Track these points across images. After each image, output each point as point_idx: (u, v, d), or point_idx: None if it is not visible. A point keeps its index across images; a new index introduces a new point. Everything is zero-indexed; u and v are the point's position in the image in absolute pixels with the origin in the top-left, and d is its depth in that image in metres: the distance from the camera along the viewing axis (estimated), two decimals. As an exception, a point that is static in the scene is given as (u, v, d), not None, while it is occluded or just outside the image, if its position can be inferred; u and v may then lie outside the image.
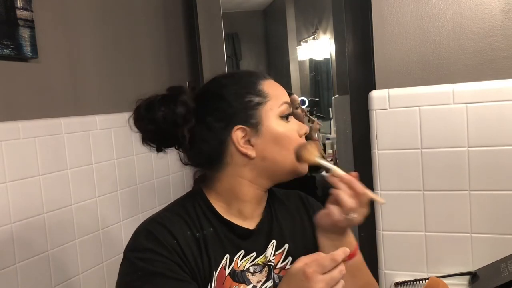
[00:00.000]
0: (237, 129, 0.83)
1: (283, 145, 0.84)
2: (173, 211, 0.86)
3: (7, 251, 1.21)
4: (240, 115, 0.84)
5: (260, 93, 0.85)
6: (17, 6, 1.27)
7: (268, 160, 0.85)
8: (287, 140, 0.85)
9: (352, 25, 1.53)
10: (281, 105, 0.86)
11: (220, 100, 0.85)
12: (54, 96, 1.43)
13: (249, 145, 0.84)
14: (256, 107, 0.84)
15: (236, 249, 0.85)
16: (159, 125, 0.84)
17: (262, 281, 0.86)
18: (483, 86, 1.24)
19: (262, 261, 0.87)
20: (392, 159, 1.33)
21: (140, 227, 0.85)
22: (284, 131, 0.85)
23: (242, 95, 0.85)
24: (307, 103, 4.07)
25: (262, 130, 0.84)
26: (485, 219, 1.26)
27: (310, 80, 5.14)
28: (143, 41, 1.85)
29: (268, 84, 0.88)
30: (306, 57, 5.08)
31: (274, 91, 0.87)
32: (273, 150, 0.84)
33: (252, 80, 0.87)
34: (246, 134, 0.84)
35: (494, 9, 1.25)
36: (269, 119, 0.84)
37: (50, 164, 1.35)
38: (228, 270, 0.83)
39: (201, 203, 0.87)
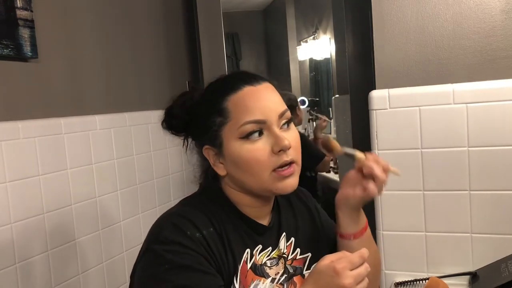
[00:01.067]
0: (206, 149, 0.85)
1: (243, 168, 0.81)
2: (193, 205, 0.86)
3: (7, 251, 1.21)
4: (207, 135, 0.84)
5: (222, 113, 0.81)
6: (17, 6, 1.27)
7: (236, 179, 0.84)
8: (246, 163, 0.80)
9: (352, 25, 1.53)
10: (241, 126, 0.79)
11: (194, 118, 0.88)
12: (54, 96, 1.43)
13: (219, 163, 0.85)
14: (218, 128, 0.82)
15: (255, 243, 0.87)
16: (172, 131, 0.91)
17: (280, 273, 0.88)
18: (483, 86, 1.24)
19: (277, 254, 0.89)
20: (392, 159, 1.33)
21: (163, 221, 0.83)
22: (242, 154, 0.80)
23: (208, 113, 0.84)
24: (307, 103, 4.07)
25: (224, 152, 0.82)
26: (485, 219, 1.26)
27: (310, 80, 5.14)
28: (143, 41, 1.85)
29: (236, 98, 0.81)
30: (306, 57, 5.08)
31: (238, 108, 0.80)
32: (236, 172, 0.82)
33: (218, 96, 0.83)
34: (215, 153, 0.84)
35: (494, 9, 1.25)
36: (229, 141, 0.81)
37: (50, 164, 1.35)
38: (250, 264, 0.84)
39: (221, 199, 0.87)
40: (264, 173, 0.80)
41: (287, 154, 0.80)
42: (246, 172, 0.81)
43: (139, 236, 1.71)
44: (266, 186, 0.81)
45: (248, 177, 0.81)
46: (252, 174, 0.80)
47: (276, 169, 0.80)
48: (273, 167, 0.80)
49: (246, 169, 0.80)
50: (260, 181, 0.81)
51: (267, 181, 0.80)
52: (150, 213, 1.78)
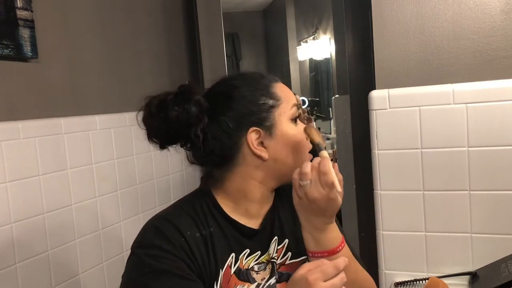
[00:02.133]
0: (252, 131, 0.84)
1: (295, 148, 0.86)
2: (181, 208, 0.87)
3: (7, 251, 1.21)
4: (255, 117, 0.85)
5: (273, 96, 0.87)
6: (17, 6, 1.27)
7: (280, 162, 0.86)
8: (298, 142, 0.87)
9: (352, 25, 1.53)
10: (291, 107, 0.88)
11: (234, 101, 0.86)
12: (54, 96, 1.43)
13: (262, 146, 0.85)
14: (270, 110, 0.86)
15: (242, 247, 0.86)
16: (172, 124, 0.82)
17: (266, 278, 0.87)
18: (483, 86, 1.24)
19: (266, 259, 0.89)
20: (392, 159, 1.33)
21: (149, 224, 0.85)
22: (295, 133, 0.87)
23: (257, 97, 0.86)
24: (307, 103, 4.07)
25: (276, 133, 0.86)
26: (485, 219, 1.26)
27: (310, 80, 5.14)
28: (143, 41, 1.85)
29: (279, 87, 0.89)
30: (306, 57, 5.08)
31: (285, 94, 0.89)
32: (285, 152, 0.86)
33: (265, 83, 0.88)
34: (260, 136, 0.85)
35: (494, 9, 1.25)
36: (282, 122, 0.86)
37: (50, 164, 1.35)
38: (234, 269, 0.84)
39: (209, 202, 0.87)
40: (306, 153, 0.88)
41: None
42: (296, 151, 0.86)
43: (139, 236, 1.70)
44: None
45: (296, 157, 0.87)
46: (300, 153, 0.87)
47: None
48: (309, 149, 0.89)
49: (297, 148, 0.86)
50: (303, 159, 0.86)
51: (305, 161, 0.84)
52: (150, 213, 1.78)
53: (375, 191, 1.36)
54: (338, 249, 0.84)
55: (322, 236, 0.83)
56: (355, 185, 1.57)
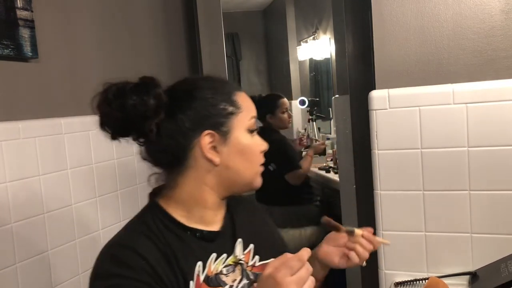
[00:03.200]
0: (207, 134, 0.84)
1: (247, 158, 0.87)
2: (135, 230, 0.84)
3: (7, 251, 1.21)
4: (212, 120, 0.84)
5: (234, 103, 0.87)
6: (17, 6, 1.27)
7: (231, 170, 0.86)
8: (251, 153, 0.88)
9: (352, 25, 1.53)
10: (250, 118, 0.89)
11: (194, 101, 0.85)
12: (54, 96, 1.43)
13: (215, 151, 0.85)
14: (228, 116, 0.86)
15: (207, 253, 0.85)
16: (127, 114, 0.80)
17: (237, 280, 0.86)
18: (483, 86, 1.24)
19: (233, 261, 0.88)
20: (392, 159, 1.33)
21: (103, 252, 0.82)
22: (249, 144, 0.88)
23: (218, 101, 0.86)
24: (307, 103, 4.06)
25: (230, 140, 0.86)
26: (485, 219, 1.26)
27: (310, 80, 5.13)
28: (143, 41, 1.85)
29: (241, 96, 0.90)
30: (306, 57, 5.08)
31: (246, 104, 0.89)
32: (237, 160, 0.87)
33: (228, 89, 0.89)
34: (214, 140, 0.84)
35: (494, 9, 1.25)
36: (238, 130, 0.86)
37: (50, 164, 1.35)
38: (203, 277, 0.83)
39: (161, 216, 0.85)
40: (257, 165, 0.90)
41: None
42: (248, 162, 0.88)
43: (139, 236, 1.71)
44: (252, 178, 0.90)
45: (247, 166, 0.88)
46: (251, 163, 0.88)
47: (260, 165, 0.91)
48: (260, 162, 0.91)
49: (249, 158, 0.88)
50: (253, 171, 0.89)
51: (256, 173, 0.90)
52: (150, 213, 1.78)
53: (375, 191, 1.36)
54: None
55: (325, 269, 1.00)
56: (355, 185, 1.57)
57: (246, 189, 0.91)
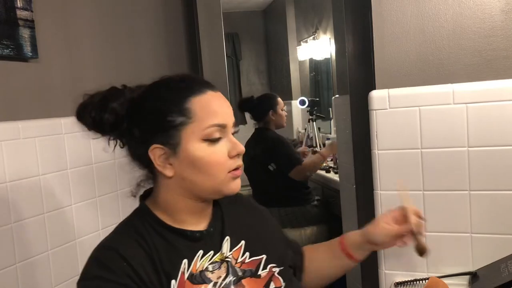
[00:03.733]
0: (154, 148, 0.83)
1: (200, 170, 0.82)
2: (122, 232, 0.86)
3: (7, 251, 1.21)
4: (160, 134, 0.82)
5: (184, 113, 0.82)
6: (17, 6, 1.27)
7: (187, 181, 0.84)
8: (206, 164, 0.82)
9: (352, 25, 1.53)
10: (206, 128, 0.82)
11: (143, 112, 0.84)
12: (54, 96, 1.43)
13: (168, 163, 0.83)
14: (177, 128, 0.81)
15: (194, 252, 0.85)
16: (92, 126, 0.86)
17: (222, 277, 0.86)
18: (483, 86, 1.24)
19: (220, 258, 0.88)
20: (392, 159, 1.33)
21: (91, 255, 0.84)
22: (203, 155, 0.82)
23: (166, 112, 0.82)
24: (307, 103, 4.06)
25: (180, 152, 0.82)
26: (485, 219, 1.26)
27: (310, 80, 5.13)
28: (143, 41, 1.85)
29: (201, 101, 0.83)
30: (306, 57, 5.08)
31: (203, 110, 0.82)
32: (190, 172, 0.83)
33: (181, 95, 0.83)
34: (164, 153, 0.83)
35: (494, 9, 1.25)
36: (189, 142, 0.82)
37: (50, 164, 1.35)
38: (187, 275, 0.83)
39: (148, 218, 0.87)
40: (221, 174, 0.83)
41: (240, 159, 0.86)
42: (203, 173, 0.83)
43: (139, 236, 1.70)
44: (219, 187, 0.84)
45: (204, 177, 0.83)
46: (209, 175, 0.83)
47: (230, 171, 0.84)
48: (229, 169, 0.84)
49: (204, 170, 0.82)
50: (215, 182, 0.83)
51: (222, 182, 0.84)
52: (150, 213, 1.78)
53: (375, 191, 1.36)
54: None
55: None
56: (355, 185, 1.57)
57: (218, 196, 0.88)
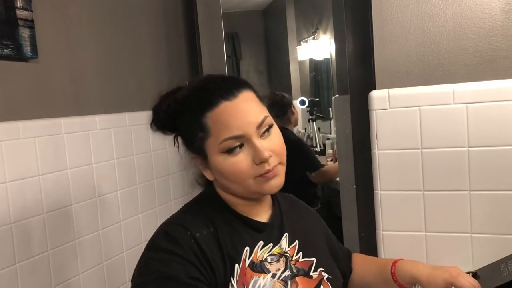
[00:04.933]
0: (192, 158, 0.88)
1: (228, 178, 0.85)
2: (190, 212, 0.89)
3: (7, 251, 1.21)
4: (193, 145, 0.87)
5: (203, 128, 0.83)
6: (17, 6, 1.27)
7: (224, 186, 0.88)
8: (230, 174, 0.83)
9: (352, 25, 1.53)
10: (221, 142, 0.81)
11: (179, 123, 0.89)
12: (54, 96, 1.43)
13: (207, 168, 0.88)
14: (201, 142, 0.85)
15: (255, 241, 0.88)
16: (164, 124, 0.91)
17: (281, 270, 0.88)
18: (483, 86, 1.24)
19: (278, 251, 0.90)
20: (392, 159, 1.33)
21: (159, 229, 0.86)
22: (225, 166, 0.83)
23: (191, 127, 0.85)
24: (307, 103, 4.07)
25: (210, 163, 0.86)
26: (485, 219, 1.26)
27: (310, 80, 5.14)
28: (143, 41, 1.85)
29: (215, 114, 0.82)
30: (306, 57, 5.08)
31: (217, 125, 0.82)
32: (222, 180, 0.87)
33: (199, 110, 0.83)
34: (201, 162, 0.87)
35: (494, 9, 1.25)
36: (212, 155, 0.84)
37: (50, 164, 1.35)
38: (248, 262, 0.85)
39: (216, 202, 0.90)
40: (249, 180, 0.83)
41: (269, 163, 0.83)
42: (231, 182, 0.85)
43: (139, 236, 1.71)
44: (252, 190, 0.85)
45: (234, 185, 0.86)
46: (237, 183, 0.84)
47: (258, 176, 0.83)
48: (256, 175, 0.83)
49: (231, 179, 0.84)
50: (245, 187, 0.85)
51: (252, 186, 0.84)
52: (150, 213, 1.78)
53: (375, 191, 1.36)
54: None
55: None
56: (355, 185, 1.57)
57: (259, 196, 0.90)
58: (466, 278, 0.94)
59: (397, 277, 1.00)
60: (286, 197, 1.04)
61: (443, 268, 0.96)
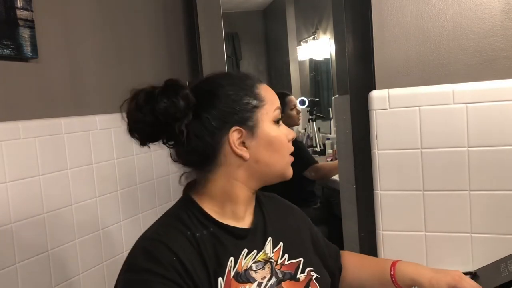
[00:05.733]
0: (234, 130, 0.84)
1: (276, 149, 0.87)
2: (169, 225, 0.85)
3: (7, 251, 1.21)
4: (238, 116, 0.84)
5: (257, 97, 0.87)
6: (17, 6, 1.27)
7: (261, 163, 0.87)
8: (279, 144, 0.88)
9: (352, 25, 1.53)
10: (275, 110, 0.88)
11: (218, 99, 0.85)
12: (54, 96, 1.43)
13: (244, 146, 0.85)
14: (253, 110, 0.86)
15: (239, 249, 0.86)
16: (158, 117, 0.81)
17: (267, 277, 0.86)
18: (483, 86, 1.24)
19: (263, 258, 0.88)
20: (392, 159, 1.33)
21: (137, 246, 0.82)
22: (277, 135, 0.88)
23: (240, 96, 0.86)
24: (307, 103, 4.06)
25: (258, 133, 0.86)
26: (485, 219, 1.26)
27: (310, 80, 5.13)
28: (143, 41, 1.85)
29: (264, 88, 0.89)
30: (306, 57, 5.08)
31: (269, 95, 0.89)
32: (266, 153, 0.87)
33: (250, 83, 0.88)
34: (241, 136, 0.85)
35: (494, 9, 1.25)
36: (264, 123, 0.86)
37: (50, 164, 1.35)
38: (233, 273, 0.83)
39: (195, 211, 0.86)
40: (287, 155, 0.90)
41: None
42: (276, 152, 0.87)
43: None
44: (284, 169, 0.90)
45: (277, 157, 0.88)
46: (281, 154, 0.88)
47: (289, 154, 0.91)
48: (289, 151, 0.90)
49: (278, 148, 0.87)
50: (284, 162, 0.89)
51: (286, 164, 0.90)
52: (150, 213, 1.78)
53: (375, 191, 1.36)
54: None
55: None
56: (355, 185, 1.57)
57: (277, 180, 0.91)
58: (468, 281, 0.94)
59: (397, 279, 0.99)
60: (269, 197, 1.02)
61: (445, 271, 0.96)
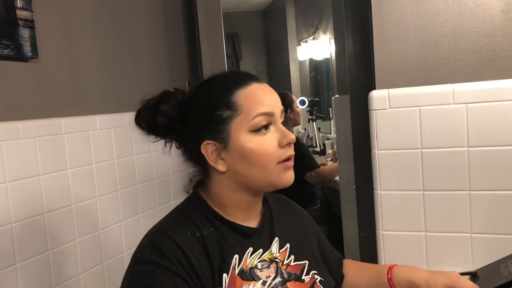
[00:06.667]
0: (206, 144, 0.83)
1: (252, 161, 0.82)
2: (177, 220, 0.86)
3: (7, 251, 1.21)
4: (209, 129, 0.83)
5: (231, 106, 0.82)
6: (17, 6, 1.27)
7: (240, 175, 0.84)
8: (256, 156, 0.82)
9: (352, 25, 1.53)
10: (253, 118, 0.81)
11: (193, 109, 0.85)
12: (54, 96, 1.43)
13: (220, 159, 0.84)
14: (225, 121, 0.82)
15: (244, 248, 0.86)
16: (149, 130, 0.88)
17: (272, 276, 0.86)
18: (483, 86, 1.24)
19: (268, 257, 0.88)
20: (392, 159, 1.33)
21: (145, 238, 0.84)
22: (252, 146, 0.81)
23: (212, 107, 0.83)
24: (307, 103, 4.07)
25: (231, 146, 0.82)
26: (485, 219, 1.26)
27: (310, 80, 5.14)
28: (143, 41, 1.85)
29: (245, 92, 0.83)
30: (306, 57, 5.08)
31: (249, 101, 0.82)
32: (242, 165, 0.83)
33: (226, 90, 0.83)
34: (216, 148, 0.83)
35: (494, 9, 1.25)
36: (238, 135, 0.82)
37: (50, 164, 1.35)
38: (237, 270, 0.83)
39: (202, 209, 0.87)
40: (271, 165, 0.82)
41: (291, 148, 0.85)
42: (253, 165, 0.82)
43: (139, 236, 1.70)
44: (270, 179, 0.83)
45: (255, 169, 0.82)
46: (259, 167, 0.82)
47: (280, 161, 0.83)
48: (279, 159, 0.83)
49: (254, 161, 0.82)
50: (266, 173, 0.83)
51: (272, 173, 0.83)
52: (150, 213, 1.78)
53: (375, 191, 1.36)
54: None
55: None
56: (355, 185, 1.57)
57: (270, 189, 0.87)
58: (466, 282, 0.93)
59: (394, 282, 0.99)
60: (277, 198, 1.02)
61: (442, 272, 0.96)
